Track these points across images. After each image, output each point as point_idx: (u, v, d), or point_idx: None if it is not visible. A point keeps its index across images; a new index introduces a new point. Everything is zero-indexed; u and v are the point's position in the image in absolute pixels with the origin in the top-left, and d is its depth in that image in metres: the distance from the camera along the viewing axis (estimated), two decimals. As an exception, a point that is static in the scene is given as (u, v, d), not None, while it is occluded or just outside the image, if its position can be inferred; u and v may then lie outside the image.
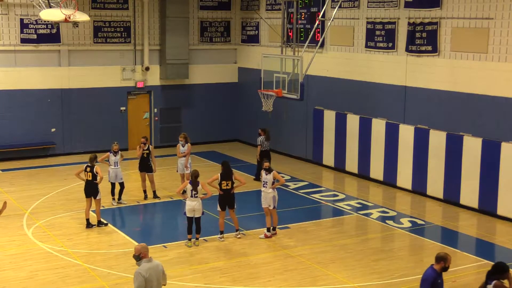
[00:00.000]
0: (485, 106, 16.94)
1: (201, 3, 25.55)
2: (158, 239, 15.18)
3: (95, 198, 15.50)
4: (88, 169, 15.43)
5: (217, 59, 26.15)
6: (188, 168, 18.10)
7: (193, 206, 14.34)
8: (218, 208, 14.79)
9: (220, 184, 14.68)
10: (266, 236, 15.04)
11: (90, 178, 15.41)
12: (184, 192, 14.48)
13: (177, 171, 18.60)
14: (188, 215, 14.43)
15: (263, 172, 15.13)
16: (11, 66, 22.46)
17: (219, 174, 14.75)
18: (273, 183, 14.95)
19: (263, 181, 15.09)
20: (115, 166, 17.24)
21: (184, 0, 24.75)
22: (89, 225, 15.54)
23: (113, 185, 17.43)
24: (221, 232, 14.91)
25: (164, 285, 9.11)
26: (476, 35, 16.98)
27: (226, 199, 14.76)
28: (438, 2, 17.89)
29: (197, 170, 14.77)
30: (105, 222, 15.78)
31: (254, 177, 20.07)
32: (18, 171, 21.41)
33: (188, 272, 13.01)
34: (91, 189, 15.49)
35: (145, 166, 17.83)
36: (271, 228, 15.18)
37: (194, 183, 14.39)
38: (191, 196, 14.36)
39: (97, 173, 15.35)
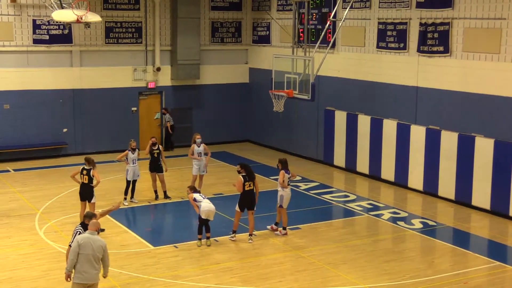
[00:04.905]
0: (497, 107, 16.85)
1: (212, 4, 25.58)
2: (169, 239, 15.19)
3: (89, 201, 15.08)
4: (85, 172, 14.95)
5: (228, 60, 26.17)
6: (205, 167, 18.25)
7: (210, 209, 14.22)
8: (237, 208, 14.73)
9: (243, 185, 14.66)
10: (272, 228, 15.22)
11: (86, 181, 14.96)
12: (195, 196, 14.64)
13: (198, 173, 18.30)
14: (204, 217, 14.34)
15: None
16: (24, 66, 22.59)
17: (241, 176, 14.72)
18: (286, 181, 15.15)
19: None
20: (133, 163, 17.30)
21: (196, 0, 24.79)
22: None
23: (128, 183, 17.47)
24: (234, 232, 14.93)
25: (104, 262, 10.42)
26: (488, 36, 16.90)
27: (247, 200, 14.71)
28: (450, 3, 17.83)
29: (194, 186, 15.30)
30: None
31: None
32: (30, 171, 21.53)
33: (199, 272, 13.03)
34: (86, 192, 15.06)
35: (156, 166, 17.86)
36: (278, 223, 15.35)
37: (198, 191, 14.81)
38: (204, 198, 14.42)
39: (93, 176, 14.94)
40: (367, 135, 20.60)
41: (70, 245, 10.68)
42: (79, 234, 10.56)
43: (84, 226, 10.77)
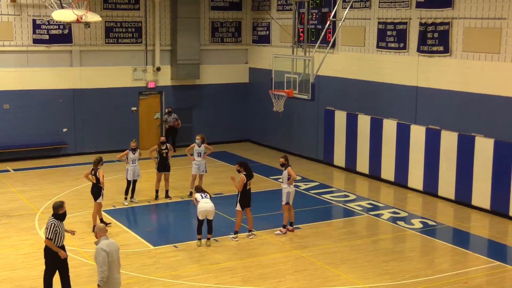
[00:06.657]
0: (497, 107, 16.85)
1: (212, 4, 25.59)
2: (169, 239, 15.19)
3: (95, 201, 15.41)
4: (93, 172, 15.36)
5: (228, 60, 26.18)
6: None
7: (207, 209, 14.26)
8: (239, 208, 14.74)
9: (245, 184, 14.68)
10: (281, 232, 15.22)
11: (94, 181, 15.38)
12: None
13: (197, 172, 18.27)
14: (201, 218, 14.39)
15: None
16: (24, 66, 22.59)
17: (243, 175, 14.72)
18: (288, 178, 15.10)
19: (282, 178, 15.44)
20: (133, 163, 17.33)
21: (195, 0, 24.79)
22: (102, 222, 15.44)
23: (129, 183, 17.49)
24: (236, 232, 14.92)
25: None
26: (488, 35, 16.90)
27: (247, 199, 14.79)
28: (449, 2, 17.83)
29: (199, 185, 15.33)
30: (107, 222, 15.73)
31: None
32: (30, 171, 21.53)
33: (199, 272, 13.03)
34: (93, 192, 15.43)
35: (164, 165, 17.86)
36: (292, 222, 15.46)
37: (202, 190, 14.75)
38: (203, 198, 14.40)
39: (98, 176, 15.27)
40: (367, 135, 20.60)
41: (48, 238, 10.86)
42: (54, 225, 10.82)
43: (56, 216, 10.98)
